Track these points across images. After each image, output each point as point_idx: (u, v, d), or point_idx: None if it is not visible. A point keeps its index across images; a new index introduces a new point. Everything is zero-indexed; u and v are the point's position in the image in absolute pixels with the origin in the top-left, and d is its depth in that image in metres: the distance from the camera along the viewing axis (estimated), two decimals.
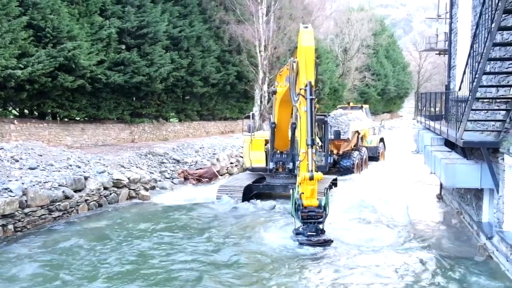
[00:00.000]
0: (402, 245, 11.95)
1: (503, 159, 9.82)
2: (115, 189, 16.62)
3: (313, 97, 12.76)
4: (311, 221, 12.36)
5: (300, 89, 13.07)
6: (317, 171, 12.24)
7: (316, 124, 19.65)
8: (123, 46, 28.07)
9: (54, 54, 21.90)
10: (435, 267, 10.36)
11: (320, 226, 12.37)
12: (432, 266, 10.43)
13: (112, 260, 10.71)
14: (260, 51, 35.48)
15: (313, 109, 12.71)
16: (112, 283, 9.45)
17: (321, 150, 18.93)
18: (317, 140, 19.08)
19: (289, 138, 17.58)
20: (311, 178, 12.05)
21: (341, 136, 21.40)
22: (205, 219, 14.56)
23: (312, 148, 12.35)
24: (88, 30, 24.63)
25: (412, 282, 9.59)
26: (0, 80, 19.91)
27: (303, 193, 12.22)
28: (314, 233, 12.27)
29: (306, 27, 14.25)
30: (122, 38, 27.73)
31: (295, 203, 12.48)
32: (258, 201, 16.67)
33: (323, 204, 12.48)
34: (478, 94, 10.00)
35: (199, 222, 14.26)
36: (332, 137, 20.20)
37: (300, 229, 12.39)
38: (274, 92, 17.63)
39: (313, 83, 12.96)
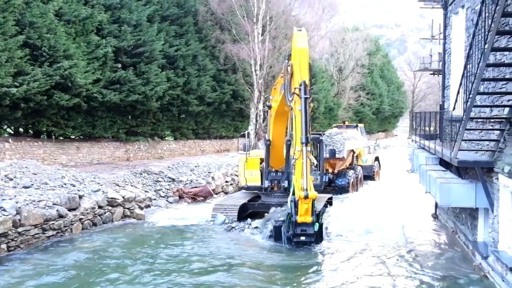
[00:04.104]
0: (397, 264, 11.90)
1: (497, 178, 9.85)
2: (110, 207, 16.52)
3: (308, 96, 13.03)
4: (301, 246, 12.90)
5: (295, 88, 13.33)
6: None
7: (312, 142, 19.77)
8: (119, 65, 28.16)
9: (50, 73, 21.95)
10: (430, 287, 10.31)
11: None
12: (428, 286, 10.38)
13: (105, 282, 10.61)
14: (255, 70, 35.64)
15: (307, 108, 12.96)
16: None
17: (316, 168, 18.93)
18: (313, 159, 19.13)
19: (284, 156, 17.59)
20: (306, 197, 12.14)
21: (336, 155, 21.42)
22: (200, 238, 14.47)
23: (306, 146, 12.50)
24: (84, 49, 24.74)
25: None
26: None
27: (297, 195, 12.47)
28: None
29: (300, 30, 14.53)
30: (118, 57, 27.84)
31: (289, 218, 12.69)
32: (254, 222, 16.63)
33: (316, 229, 12.63)
34: (472, 114, 10.06)
35: (194, 241, 14.16)
36: (327, 156, 20.21)
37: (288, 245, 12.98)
38: (269, 107, 17.69)
39: (307, 82, 13.20)
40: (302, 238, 12.83)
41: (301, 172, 12.54)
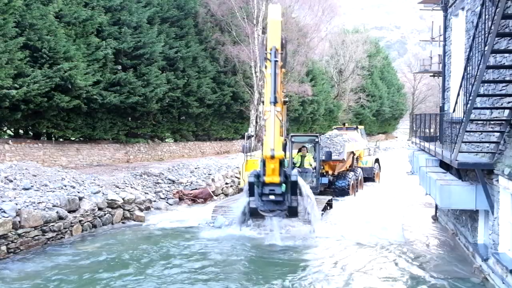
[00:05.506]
0: (397, 266, 11.89)
1: (497, 180, 9.84)
2: (110, 209, 16.50)
3: (277, 59, 13.69)
4: (273, 212, 13.25)
5: (266, 53, 14.04)
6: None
7: (312, 145, 19.80)
8: (119, 67, 28.20)
9: (50, 75, 21.98)
10: None
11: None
12: None
13: (106, 284, 10.60)
14: (255, 72, 35.67)
15: (276, 70, 13.56)
16: None
17: (314, 171, 18.91)
18: (312, 161, 19.13)
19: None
20: (272, 157, 12.28)
21: (337, 157, 21.41)
22: (200, 240, 14.45)
23: (275, 105, 12.95)
24: (84, 50, 24.77)
25: None
26: None
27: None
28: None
29: (275, 4, 15.28)
30: (118, 59, 27.88)
31: (258, 177, 12.91)
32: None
33: (283, 190, 12.66)
34: (472, 116, 10.06)
35: (194, 243, 14.14)
36: (323, 158, 20.12)
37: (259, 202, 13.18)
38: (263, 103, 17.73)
39: (277, 47, 13.91)
40: (272, 197, 12.97)
41: (272, 133, 12.75)
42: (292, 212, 13.70)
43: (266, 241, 14.02)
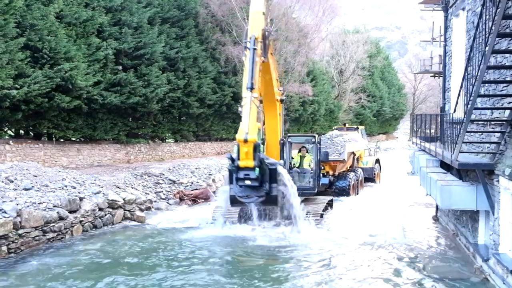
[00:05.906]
0: (397, 266, 11.89)
1: (498, 181, 9.84)
2: (110, 210, 16.50)
3: (256, 47, 13.84)
4: (251, 197, 13.11)
5: (245, 42, 14.20)
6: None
7: (312, 145, 19.77)
8: (120, 67, 28.21)
9: (51, 75, 21.99)
10: None
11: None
12: None
13: (107, 285, 10.60)
14: None
15: (255, 58, 13.69)
16: None
17: (312, 171, 18.90)
18: (311, 161, 19.12)
19: (279, 156, 17.51)
20: (245, 141, 12.33)
21: (337, 157, 21.40)
22: (200, 240, 14.45)
23: (251, 91, 13.07)
24: (85, 51, 24.79)
25: None
26: None
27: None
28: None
29: None
30: (119, 59, 27.90)
31: (233, 160, 12.82)
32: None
33: (257, 174, 12.65)
34: (473, 116, 10.05)
35: (194, 243, 14.14)
36: (320, 158, 20.07)
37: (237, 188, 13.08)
38: (261, 102, 17.68)
39: (256, 36, 14.03)
40: (248, 182, 12.87)
41: (247, 117, 12.79)
42: (271, 200, 13.56)
43: (263, 242, 14.03)
